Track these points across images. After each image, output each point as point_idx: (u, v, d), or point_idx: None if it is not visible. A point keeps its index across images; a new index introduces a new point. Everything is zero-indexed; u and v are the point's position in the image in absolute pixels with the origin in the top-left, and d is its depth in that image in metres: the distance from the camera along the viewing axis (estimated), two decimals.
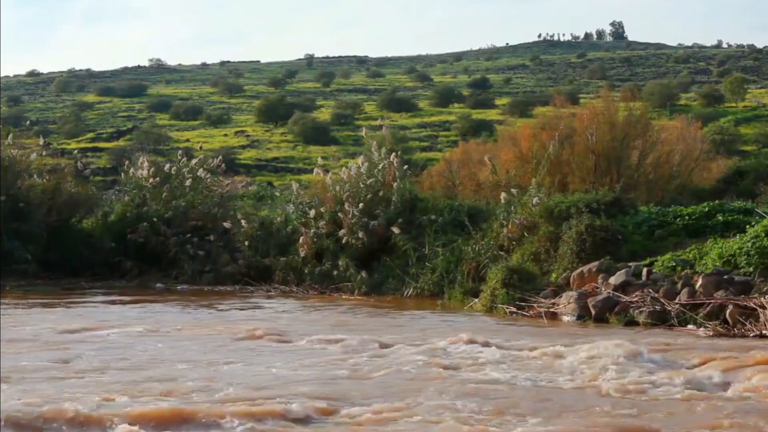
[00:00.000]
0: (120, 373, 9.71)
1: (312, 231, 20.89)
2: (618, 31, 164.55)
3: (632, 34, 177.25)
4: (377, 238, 20.27)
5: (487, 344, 11.43)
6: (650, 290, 14.17)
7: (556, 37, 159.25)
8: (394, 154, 21.60)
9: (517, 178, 21.43)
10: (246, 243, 21.97)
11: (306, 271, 20.53)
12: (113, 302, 17.73)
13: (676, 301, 13.78)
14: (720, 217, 16.75)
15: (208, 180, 24.17)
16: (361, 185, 21.06)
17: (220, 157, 26.63)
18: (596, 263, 15.50)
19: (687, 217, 17.04)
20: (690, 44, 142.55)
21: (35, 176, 23.01)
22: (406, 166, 22.25)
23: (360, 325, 14.37)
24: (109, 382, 9.14)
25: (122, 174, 25.68)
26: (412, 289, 18.62)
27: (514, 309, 15.21)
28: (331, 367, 10.17)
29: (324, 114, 73.70)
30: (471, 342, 11.59)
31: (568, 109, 30.32)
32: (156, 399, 8.31)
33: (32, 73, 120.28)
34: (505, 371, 9.88)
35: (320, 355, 11.03)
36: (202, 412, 7.71)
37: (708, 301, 13.41)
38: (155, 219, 22.68)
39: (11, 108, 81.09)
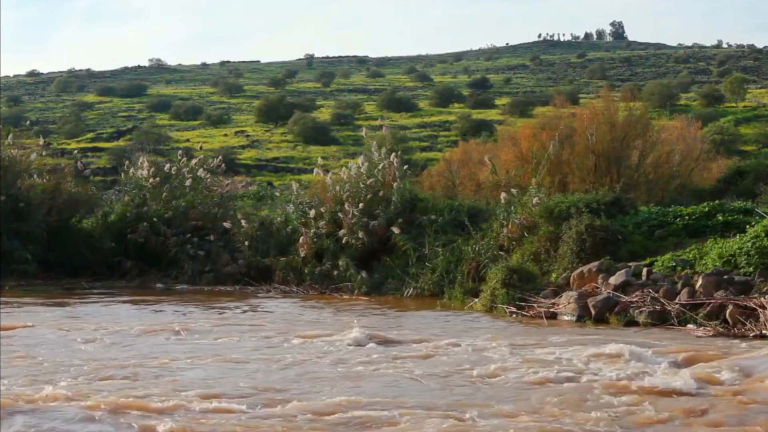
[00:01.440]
0: None
1: (312, 231, 20.87)
2: (618, 31, 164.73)
3: (632, 34, 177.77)
4: (377, 238, 20.26)
5: None
6: (650, 290, 14.16)
7: (556, 37, 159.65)
8: (394, 154, 21.58)
9: (517, 178, 21.41)
10: (246, 243, 21.94)
11: (306, 271, 20.50)
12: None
13: (676, 301, 13.77)
14: (720, 217, 16.74)
15: (208, 180, 24.15)
16: (361, 185, 21.04)
17: (220, 157, 26.58)
18: (596, 263, 15.49)
19: (687, 217, 17.03)
20: (690, 44, 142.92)
21: (35, 176, 22.99)
22: (406, 166, 22.23)
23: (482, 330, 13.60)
24: None
25: (122, 174, 25.68)
26: (412, 289, 18.57)
27: (514, 309, 15.20)
28: None
29: (324, 114, 73.70)
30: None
31: (568, 109, 30.33)
32: None
33: (32, 73, 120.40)
34: None
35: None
36: None
37: (708, 301, 13.39)
38: (155, 219, 22.67)
39: (11, 108, 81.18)
